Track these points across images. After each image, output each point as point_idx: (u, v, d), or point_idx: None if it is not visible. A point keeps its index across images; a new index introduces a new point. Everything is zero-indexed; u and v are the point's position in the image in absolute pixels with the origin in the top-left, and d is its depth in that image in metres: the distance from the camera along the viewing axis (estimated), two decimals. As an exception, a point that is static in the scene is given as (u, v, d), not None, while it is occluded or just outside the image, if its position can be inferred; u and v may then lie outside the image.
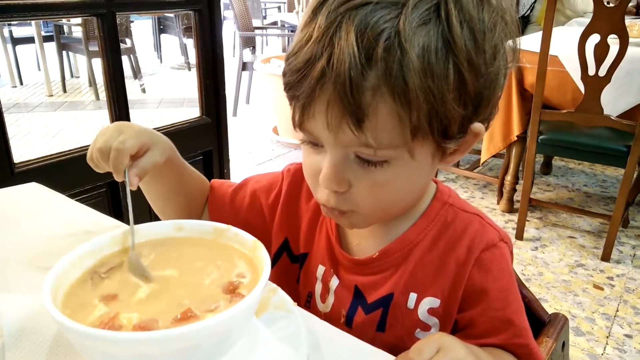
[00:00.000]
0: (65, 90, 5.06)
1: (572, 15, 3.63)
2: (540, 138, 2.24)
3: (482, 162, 2.71)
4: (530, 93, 2.25)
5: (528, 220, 2.50)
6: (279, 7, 8.44)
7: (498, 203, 2.73)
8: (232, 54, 6.63)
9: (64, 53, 5.13)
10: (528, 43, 2.35)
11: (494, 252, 0.62)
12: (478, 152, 2.70)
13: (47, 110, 4.45)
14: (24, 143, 3.58)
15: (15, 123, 4.01)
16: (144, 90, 5.15)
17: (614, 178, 3.10)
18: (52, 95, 4.89)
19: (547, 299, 1.97)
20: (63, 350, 0.50)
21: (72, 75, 5.62)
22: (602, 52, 1.96)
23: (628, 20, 2.00)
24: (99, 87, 4.71)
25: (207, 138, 1.89)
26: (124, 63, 1.86)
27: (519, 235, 2.40)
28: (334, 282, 0.67)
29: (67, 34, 5.30)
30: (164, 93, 5.16)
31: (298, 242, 0.72)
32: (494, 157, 2.67)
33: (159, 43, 6.79)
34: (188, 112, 4.20)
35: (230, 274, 0.50)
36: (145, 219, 0.60)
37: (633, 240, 2.42)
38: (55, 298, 0.44)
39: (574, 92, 2.17)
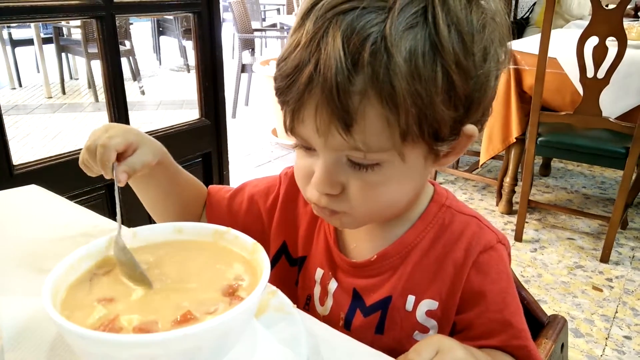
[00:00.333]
0: (65, 92, 5.06)
1: (569, 19, 3.65)
2: (539, 140, 2.24)
3: (481, 163, 2.71)
4: (529, 95, 2.26)
5: (527, 222, 2.50)
6: (278, 9, 8.44)
7: (497, 205, 2.73)
8: (231, 56, 6.63)
9: (63, 55, 5.13)
10: (527, 45, 2.35)
11: (492, 254, 0.62)
12: (477, 153, 2.71)
13: (46, 112, 4.45)
14: (23, 145, 3.58)
15: (15, 125, 4.01)
16: (143, 92, 5.15)
17: (613, 180, 3.10)
18: (51, 97, 4.89)
19: (546, 301, 1.97)
20: (62, 352, 0.50)
21: (71, 77, 5.62)
22: (600, 54, 1.96)
23: (626, 23, 2.01)
24: (98, 89, 4.71)
25: (206, 140, 1.89)
26: (123, 65, 1.86)
27: (518, 237, 2.40)
28: (333, 285, 0.68)
29: (66, 36, 5.28)
30: (163, 95, 5.17)
31: (296, 245, 0.73)
32: (493, 158, 2.67)
33: (158, 45, 6.79)
34: (187, 114, 4.20)
35: (230, 277, 0.50)
36: (144, 222, 0.60)
37: (632, 242, 2.42)
38: (55, 300, 0.44)
39: (573, 94, 2.17)
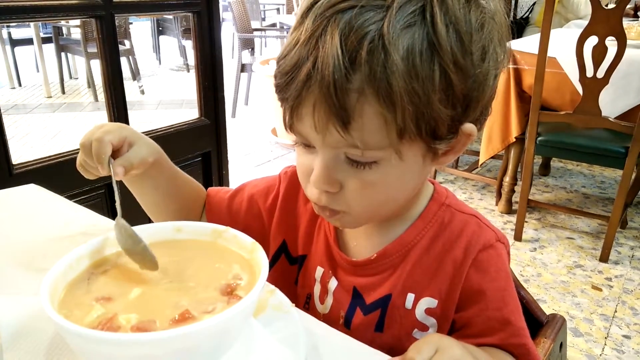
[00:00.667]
0: (64, 92, 5.06)
1: (571, 19, 3.64)
2: (539, 139, 2.24)
3: (480, 163, 2.71)
4: (529, 95, 2.26)
5: (526, 222, 2.50)
6: (278, 8, 8.44)
7: (496, 204, 2.73)
8: (231, 56, 6.63)
9: (63, 54, 5.12)
10: (526, 45, 2.36)
11: (491, 252, 0.62)
12: (476, 153, 2.71)
13: (45, 112, 4.45)
14: (23, 144, 3.58)
15: (14, 124, 4.01)
16: (143, 92, 5.15)
17: (612, 179, 3.10)
18: (50, 97, 4.89)
19: (545, 300, 1.97)
20: (60, 352, 0.50)
21: (70, 77, 5.62)
22: (600, 54, 1.96)
23: (626, 23, 2.01)
24: (98, 88, 4.71)
25: (205, 139, 1.89)
26: (123, 64, 1.86)
27: (518, 237, 2.40)
28: (333, 283, 0.68)
29: (65, 36, 5.28)
30: (163, 95, 5.16)
31: (296, 244, 0.73)
32: (493, 158, 2.67)
33: (158, 45, 6.79)
34: (187, 113, 4.20)
35: (228, 276, 0.50)
36: (143, 222, 0.60)
37: (631, 241, 2.42)
38: (53, 299, 0.44)
39: (572, 93, 2.17)
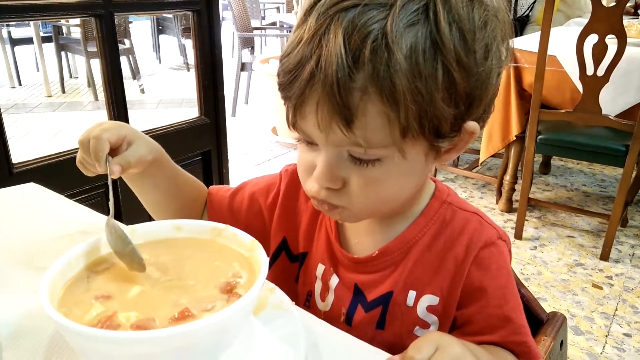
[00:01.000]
0: (64, 91, 5.06)
1: (579, 15, 3.61)
2: (539, 138, 2.24)
3: (480, 161, 2.71)
4: (529, 93, 2.26)
5: (527, 220, 2.50)
6: (278, 7, 8.43)
7: (497, 203, 2.73)
8: (231, 55, 6.62)
9: (63, 54, 5.12)
10: (527, 43, 2.35)
11: (492, 250, 0.62)
12: (477, 151, 2.71)
13: (45, 111, 4.45)
14: (23, 144, 3.58)
15: (14, 124, 4.01)
16: (143, 91, 5.15)
17: (613, 177, 3.10)
18: (50, 96, 4.88)
19: (546, 298, 1.97)
20: (60, 350, 0.50)
21: (70, 76, 5.62)
22: (600, 52, 1.96)
23: (626, 21, 2.01)
24: (98, 87, 4.70)
25: (205, 138, 1.89)
26: (123, 64, 1.86)
27: (518, 235, 2.40)
28: (334, 280, 0.68)
29: (65, 35, 5.28)
30: (163, 94, 5.16)
31: (297, 241, 0.73)
32: (493, 156, 2.67)
33: (158, 44, 6.78)
34: (187, 112, 4.20)
35: (228, 274, 0.50)
36: (144, 221, 0.60)
37: (632, 240, 2.42)
38: (52, 298, 0.44)
39: (573, 92, 2.17)
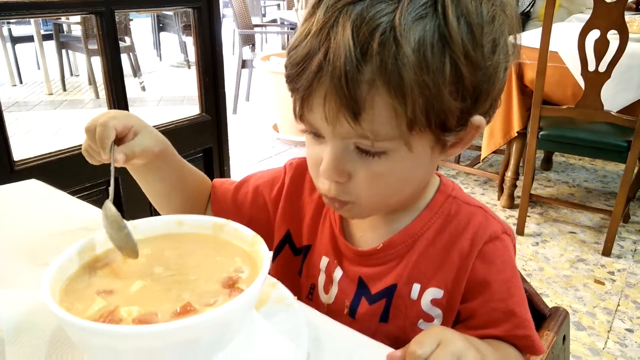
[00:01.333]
0: (65, 89, 5.06)
1: (582, 10, 3.59)
2: (541, 134, 2.23)
3: (482, 158, 2.70)
4: (531, 89, 2.25)
5: (529, 216, 2.50)
6: (278, 4, 8.42)
7: (499, 199, 2.73)
8: (231, 52, 6.62)
9: (64, 51, 5.12)
10: (528, 39, 2.34)
11: (497, 244, 0.62)
12: (478, 148, 2.70)
13: (47, 109, 4.45)
14: (24, 142, 3.59)
15: (15, 122, 4.01)
16: (144, 88, 5.15)
17: (615, 173, 3.10)
18: (52, 94, 4.89)
19: (548, 294, 1.97)
20: (62, 345, 0.50)
21: (71, 74, 5.61)
22: (602, 47, 1.95)
23: (628, 16, 2.00)
24: (99, 85, 4.70)
25: (207, 135, 1.89)
26: (124, 61, 1.86)
27: (520, 231, 2.40)
28: (338, 273, 0.68)
29: (66, 33, 5.28)
30: (164, 91, 5.16)
31: (301, 234, 0.73)
32: (495, 153, 2.67)
33: (159, 41, 6.78)
34: (188, 110, 4.18)
35: (230, 269, 0.50)
36: (146, 216, 0.60)
37: (634, 235, 2.41)
38: (54, 292, 0.44)
39: (574, 87, 2.16)
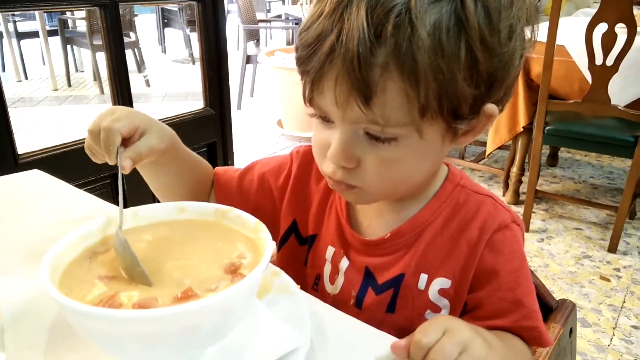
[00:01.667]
0: (70, 85, 5.07)
1: (584, 5, 3.56)
2: (547, 129, 2.21)
3: (487, 153, 2.69)
4: (537, 83, 2.23)
5: (534, 212, 2.48)
6: (283, 0, 8.40)
7: (504, 195, 2.71)
8: (236, 48, 6.61)
9: (69, 47, 5.13)
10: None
11: (506, 233, 0.61)
12: (483, 144, 2.69)
13: (52, 104, 4.45)
14: (29, 137, 3.59)
15: (20, 117, 4.02)
16: (148, 83, 5.15)
17: (621, 169, 3.07)
18: (57, 90, 4.89)
19: (553, 291, 1.95)
20: (62, 332, 0.50)
21: (76, 70, 5.61)
22: (609, 41, 1.93)
23: (636, 9, 1.98)
24: (104, 81, 4.70)
25: (211, 129, 1.88)
26: (128, 57, 1.86)
27: (525, 227, 2.38)
28: (344, 263, 0.67)
29: (71, 28, 5.28)
30: (169, 87, 5.16)
31: (307, 223, 0.72)
32: (500, 148, 2.65)
33: (163, 37, 6.78)
34: (192, 105, 4.17)
35: (232, 255, 0.49)
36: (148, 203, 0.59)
37: (640, 232, 2.40)
38: (54, 278, 0.43)
39: (581, 82, 2.14)
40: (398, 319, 0.63)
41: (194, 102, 4.40)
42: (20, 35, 5.14)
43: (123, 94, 1.59)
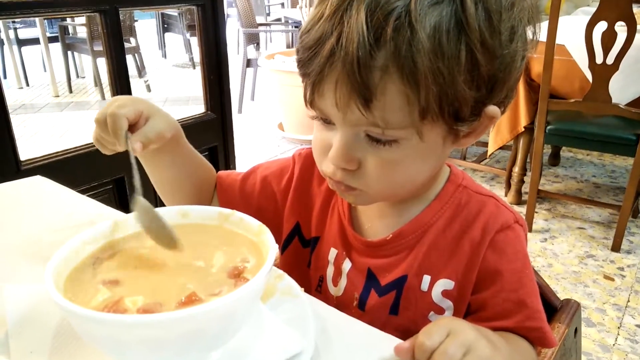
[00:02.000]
0: (71, 91, 5.08)
1: (584, 4, 3.56)
2: (548, 128, 2.21)
3: (489, 154, 2.69)
4: (538, 83, 2.23)
5: (537, 212, 2.48)
6: (283, 3, 8.41)
7: (506, 195, 2.71)
8: (236, 52, 6.62)
9: (69, 53, 5.14)
10: (534, 33, 2.32)
11: (509, 233, 0.61)
12: (485, 144, 2.68)
13: (53, 111, 4.46)
14: (31, 144, 3.60)
15: (22, 124, 4.02)
16: (149, 88, 5.16)
17: (623, 168, 3.07)
18: (58, 96, 4.90)
19: (557, 291, 1.95)
20: (66, 338, 0.50)
21: (77, 76, 5.63)
22: (609, 39, 1.93)
23: (636, 8, 1.97)
24: (105, 87, 4.71)
25: (212, 134, 1.89)
26: (129, 62, 1.87)
27: (528, 227, 2.36)
28: (347, 265, 0.67)
29: (72, 35, 5.30)
30: (169, 91, 5.17)
31: (309, 225, 0.72)
32: (501, 148, 2.65)
33: (164, 42, 6.80)
34: (193, 110, 4.19)
35: (235, 259, 0.49)
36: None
37: (643, 231, 2.39)
38: (58, 284, 0.43)
39: (582, 81, 2.14)
40: (401, 321, 0.63)
41: (195, 106, 4.41)
42: (21, 42, 5.15)
43: (124, 99, 1.59)
